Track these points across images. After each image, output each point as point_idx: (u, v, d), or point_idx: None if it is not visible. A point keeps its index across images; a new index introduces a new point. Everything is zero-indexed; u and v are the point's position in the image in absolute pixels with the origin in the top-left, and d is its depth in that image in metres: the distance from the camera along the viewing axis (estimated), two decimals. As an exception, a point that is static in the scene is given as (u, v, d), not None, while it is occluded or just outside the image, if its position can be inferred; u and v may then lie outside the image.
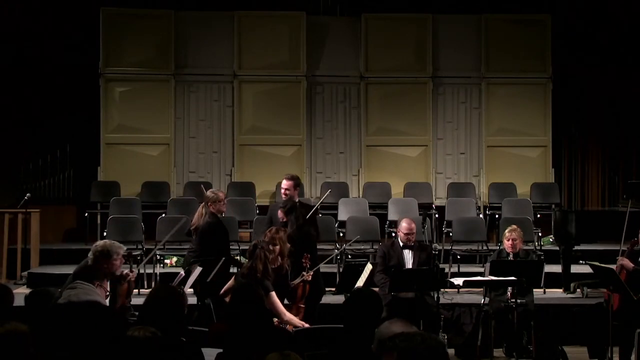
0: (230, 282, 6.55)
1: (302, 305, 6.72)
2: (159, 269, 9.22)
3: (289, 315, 6.16)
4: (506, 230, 7.66)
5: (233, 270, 7.53)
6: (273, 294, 6.12)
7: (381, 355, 2.63)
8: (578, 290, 8.66)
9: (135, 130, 11.27)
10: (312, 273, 6.79)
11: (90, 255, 5.63)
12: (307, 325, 5.96)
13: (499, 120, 11.60)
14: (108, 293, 5.18)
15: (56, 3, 11.36)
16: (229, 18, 11.40)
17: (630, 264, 6.89)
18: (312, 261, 7.02)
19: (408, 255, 7.54)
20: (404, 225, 7.59)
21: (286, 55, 11.45)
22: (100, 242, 5.57)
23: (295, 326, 5.94)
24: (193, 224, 7.49)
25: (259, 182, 11.16)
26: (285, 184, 7.82)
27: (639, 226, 7.27)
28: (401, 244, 7.59)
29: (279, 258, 6.46)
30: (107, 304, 5.40)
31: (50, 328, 3.64)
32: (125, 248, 5.66)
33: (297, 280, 6.75)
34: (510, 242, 7.53)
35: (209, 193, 7.63)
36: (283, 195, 7.84)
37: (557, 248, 9.31)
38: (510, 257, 7.51)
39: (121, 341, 3.20)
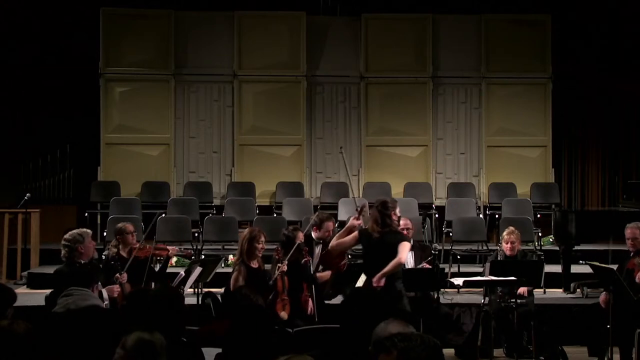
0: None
1: (285, 298, 6.69)
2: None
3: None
4: (504, 233, 7.64)
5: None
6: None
7: (378, 356, 2.63)
8: (578, 290, 8.65)
9: (135, 130, 11.27)
10: (286, 263, 6.74)
11: (63, 249, 5.81)
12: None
13: (499, 120, 11.59)
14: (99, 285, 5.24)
15: (56, 3, 11.36)
16: (229, 18, 11.40)
17: None
18: (284, 252, 6.93)
19: (409, 255, 7.50)
20: (400, 222, 7.57)
21: (286, 55, 11.45)
22: (67, 234, 5.99)
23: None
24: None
25: (259, 182, 11.16)
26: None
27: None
28: None
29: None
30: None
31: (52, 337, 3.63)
32: (90, 232, 6.08)
33: (275, 275, 6.70)
34: (508, 245, 7.51)
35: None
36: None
37: (557, 248, 9.31)
38: (509, 260, 7.51)
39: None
